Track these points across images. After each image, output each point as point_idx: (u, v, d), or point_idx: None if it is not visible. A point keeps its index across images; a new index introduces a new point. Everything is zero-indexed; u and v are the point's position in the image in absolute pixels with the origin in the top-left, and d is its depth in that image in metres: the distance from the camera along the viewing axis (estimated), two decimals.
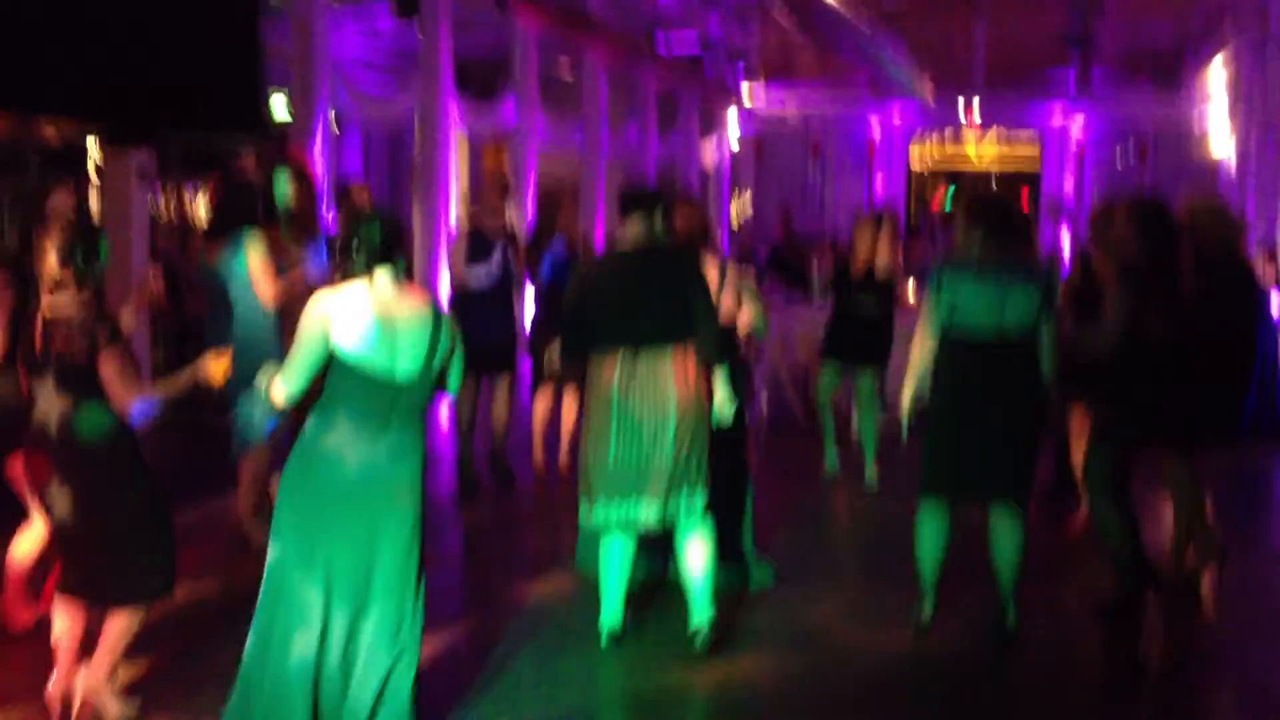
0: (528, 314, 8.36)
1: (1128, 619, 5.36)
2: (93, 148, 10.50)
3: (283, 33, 10.18)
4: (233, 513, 6.02)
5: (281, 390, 3.80)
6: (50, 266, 4.26)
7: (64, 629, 4.12)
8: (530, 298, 7.99)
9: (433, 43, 11.80)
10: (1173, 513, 6.01)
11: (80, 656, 4.12)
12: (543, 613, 5.35)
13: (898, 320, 8.05)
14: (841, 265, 8.19)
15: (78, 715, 4.08)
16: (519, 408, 7.91)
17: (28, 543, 4.76)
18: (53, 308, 4.01)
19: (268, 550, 3.82)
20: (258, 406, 5.87)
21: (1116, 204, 7.59)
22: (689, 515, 4.77)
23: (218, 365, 4.24)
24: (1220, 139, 19.07)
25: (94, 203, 10.15)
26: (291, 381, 3.78)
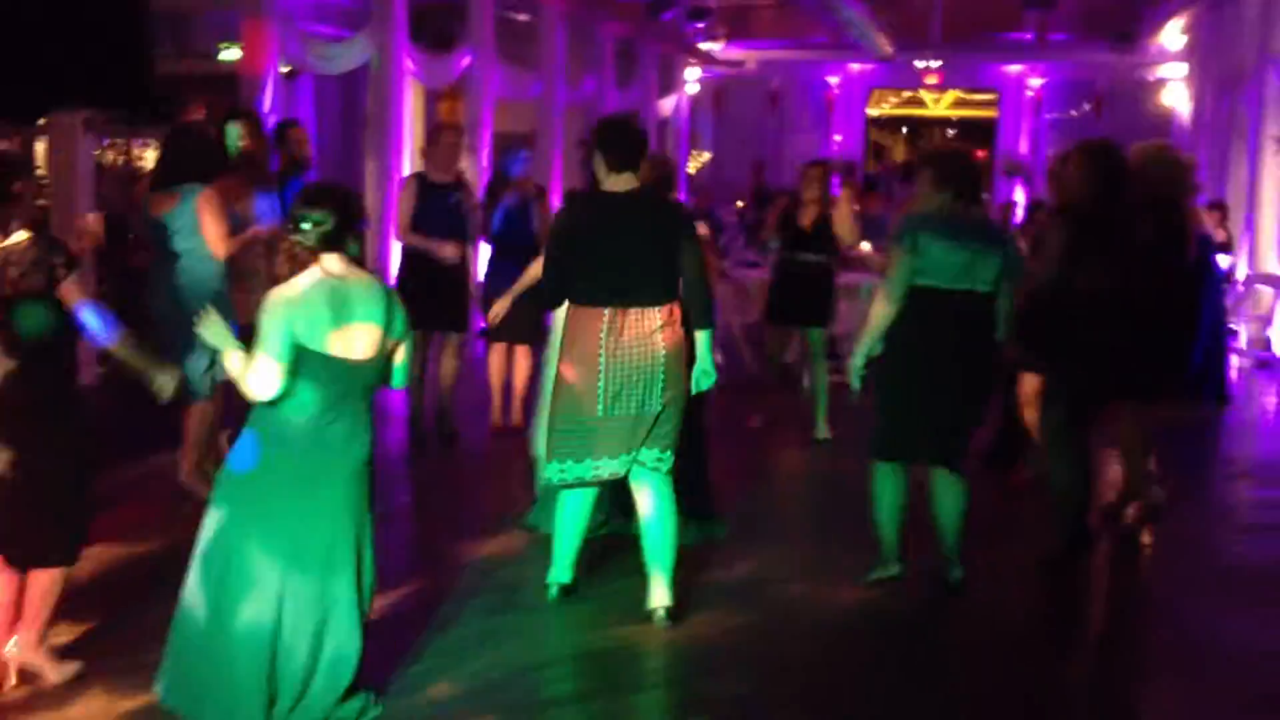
0: (480, 268, 8.26)
1: (1070, 574, 5.44)
2: None
3: None
4: (175, 468, 5.98)
5: (262, 386, 3.65)
6: None
7: None
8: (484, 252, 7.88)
9: None
10: (1116, 467, 6.10)
11: (14, 620, 4.06)
12: (489, 570, 5.35)
13: (844, 276, 8.01)
14: (786, 218, 7.93)
15: (13, 680, 4.03)
16: (470, 364, 7.87)
17: None
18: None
19: (211, 513, 3.79)
20: (200, 359, 5.80)
21: (1065, 158, 7.64)
22: (657, 475, 4.70)
23: (169, 383, 4.18)
24: (1176, 97, 19.18)
25: (40, 150, 9.97)
26: (268, 382, 3.64)
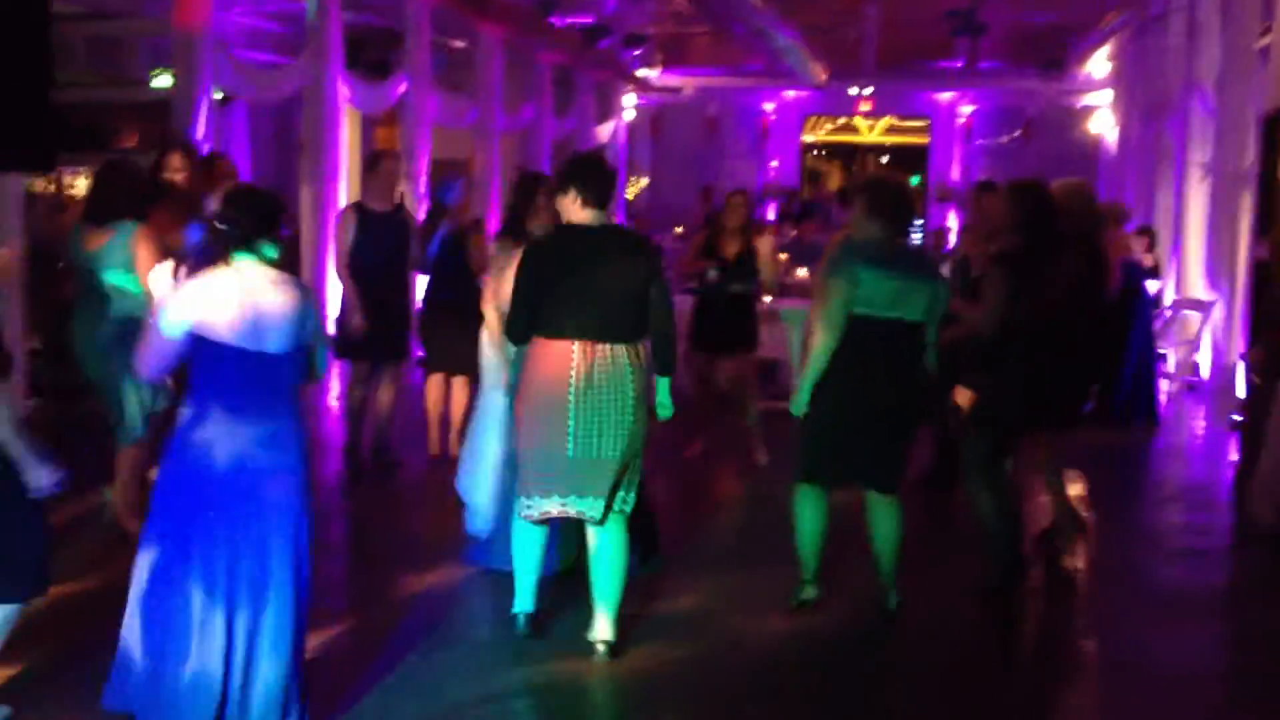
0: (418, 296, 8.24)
1: (1003, 600, 5.51)
2: None
3: (165, 6, 9.92)
4: (112, 505, 5.89)
5: (145, 372, 3.87)
6: None
7: None
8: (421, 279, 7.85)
9: (322, 17, 11.58)
10: (1043, 494, 6.20)
11: None
12: (429, 604, 5.32)
13: (777, 303, 8.06)
14: (710, 247, 7.94)
15: None
16: (407, 393, 7.84)
17: None
18: None
19: (143, 549, 3.75)
20: (134, 396, 5.74)
21: (986, 185, 7.85)
22: (617, 516, 4.68)
23: (42, 480, 4.03)
24: (1103, 124, 19.58)
25: None
26: (149, 368, 3.82)
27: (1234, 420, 8.85)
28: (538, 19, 14.30)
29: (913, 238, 20.89)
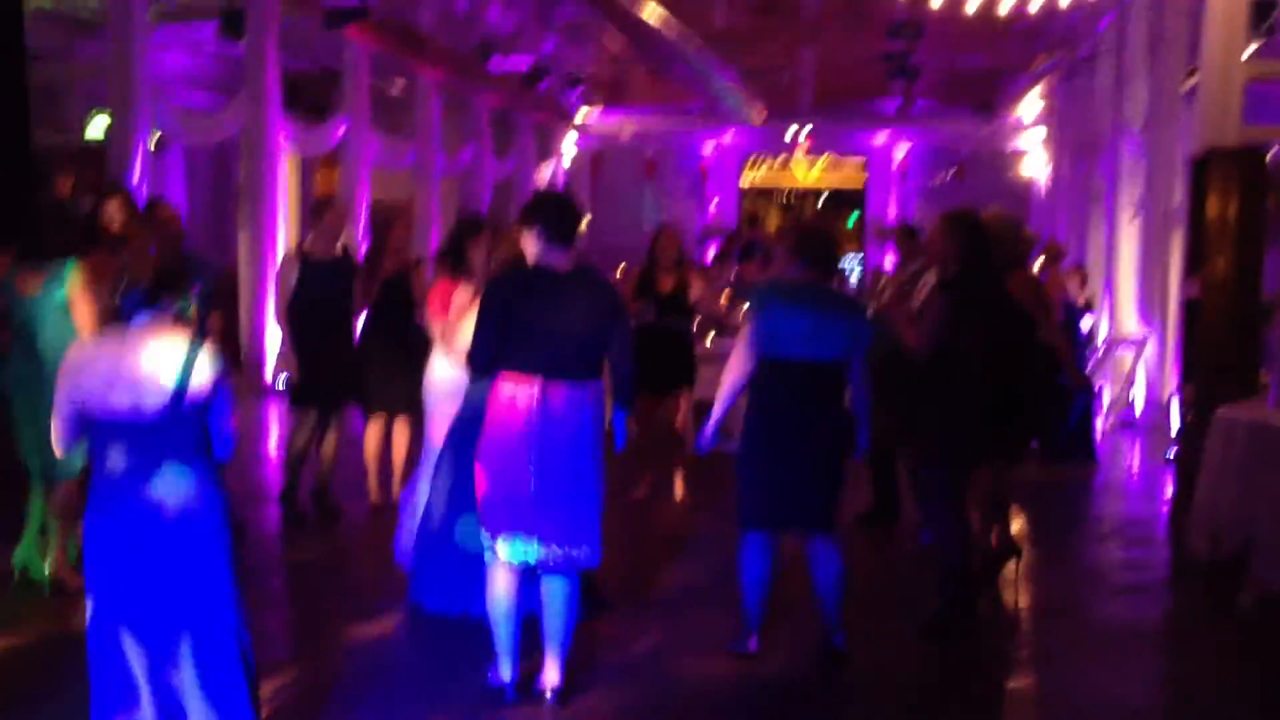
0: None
1: (952, 636, 5.54)
2: None
3: (100, 49, 9.84)
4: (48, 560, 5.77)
5: (58, 445, 3.79)
6: None
7: None
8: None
9: (259, 60, 11.54)
10: (981, 525, 6.26)
11: None
12: (374, 653, 5.25)
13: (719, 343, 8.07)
14: (644, 284, 7.97)
15: None
16: (348, 441, 7.77)
17: None
18: None
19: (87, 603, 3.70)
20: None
21: (906, 229, 8.02)
22: (573, 560, 4.62)
23: None
24: (1035, 165, 19.95)
25: None
26: (59, 440, 3.76)
27: (1169, 455, 9.00)
28: (476, 62, 14.34)
29: (849, 276, 21.23)
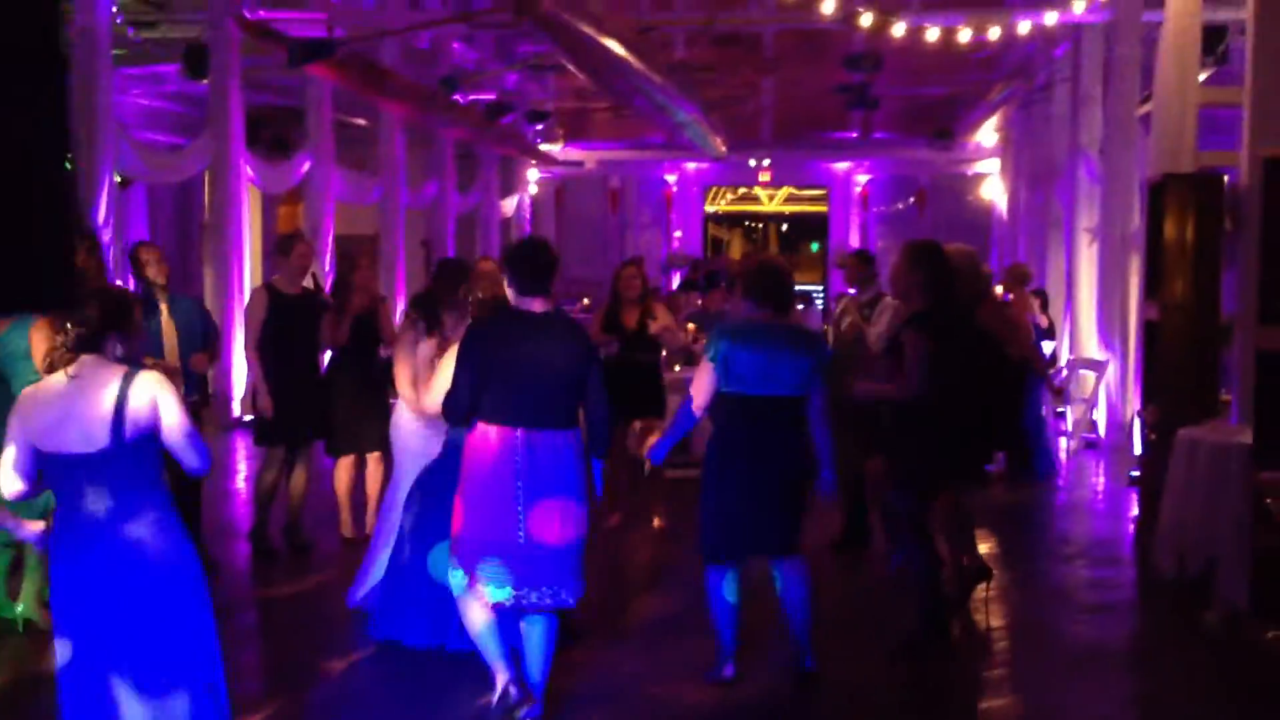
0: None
1: (925, 658, 5.59)
2: None
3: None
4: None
5: (4, 485, 3.76)
6: None
7: None
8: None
9: (222, 99, 11.55)
10: (950, 548, 6.32)
11: None
12: (347, 687, 5.25)
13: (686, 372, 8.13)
14: (610, 319, 8.04)
15: None
16: (317, 476, 7.75)
17: None
18: None
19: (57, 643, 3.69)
20: None
21: (862, 255, 8.16)
22: (559, 601, 4.65)
23: None
24: (993, 191, 20.20)
25: None
26: (8, 480, 3.73)
27: (1132, 476, 9.10)
28: (439, 97, 14.40)
29: (814, 303, 21.38)
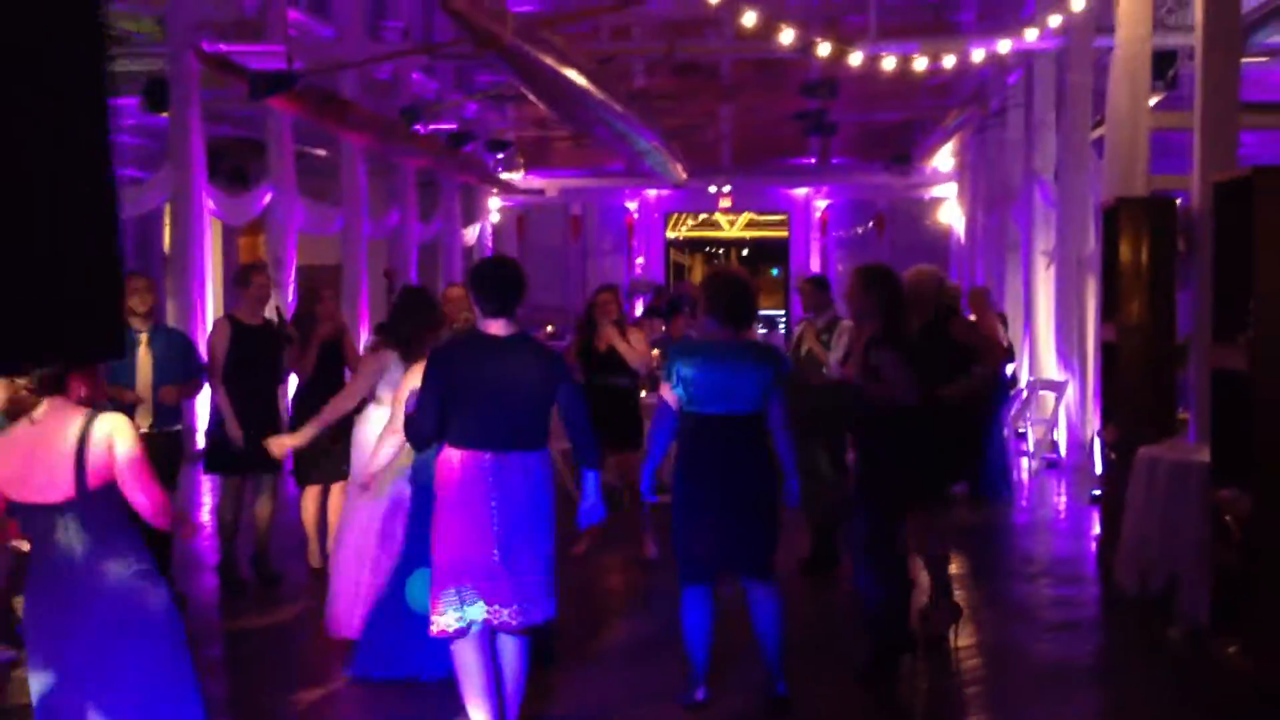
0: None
1: (889, 681, 5.63)
2: None
3: None
4: None
5: None
6: None
7: None
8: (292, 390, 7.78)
9: (183, 131, 11.53)
10: (923, 572, 6.38)
11: None
12: (320, 719, 5.23)
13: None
14: (585, 345, 8.07)
15: None
16: (282, 505, 7.73)
17: None
18: None
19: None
20: None
21: (816, 280, 8.27)
22: (532, 619, 4.64)
23: None
24: (951, 214, 20.42)
25: None
26: None
27: (1093, 495, 9.21)
28: (400, 127, 14.42)
29: (777, 327, 21.50)
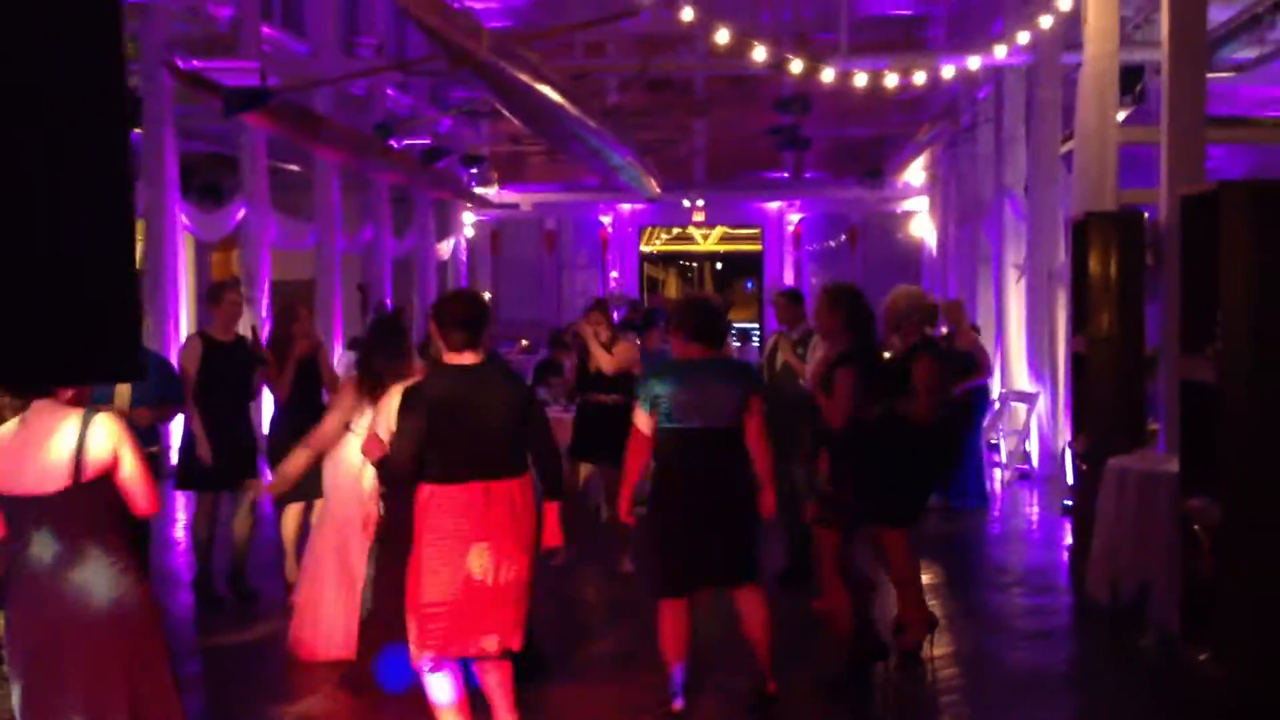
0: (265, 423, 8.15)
1: (859, 692, 5.68)
2: None
3: None
4: None
5: None
6: None
7: None
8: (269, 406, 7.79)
9: (157, 147, 11.51)
10: (891, 584, 6.42)
11: None
12: None
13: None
14: (581, 362, 8.42)
15: None
16: (261, 521, 7.71)
17: None
18: None
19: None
20: None
21: (791, 293, 8.36)
22: (508, 648, 4.67)
23: None
24: (923, 228, 20.57)
25: None
26: None
27: (1065, 505, 9.29)
28: (374, 143, 14.43)
29: (750, 343, 21.57)
